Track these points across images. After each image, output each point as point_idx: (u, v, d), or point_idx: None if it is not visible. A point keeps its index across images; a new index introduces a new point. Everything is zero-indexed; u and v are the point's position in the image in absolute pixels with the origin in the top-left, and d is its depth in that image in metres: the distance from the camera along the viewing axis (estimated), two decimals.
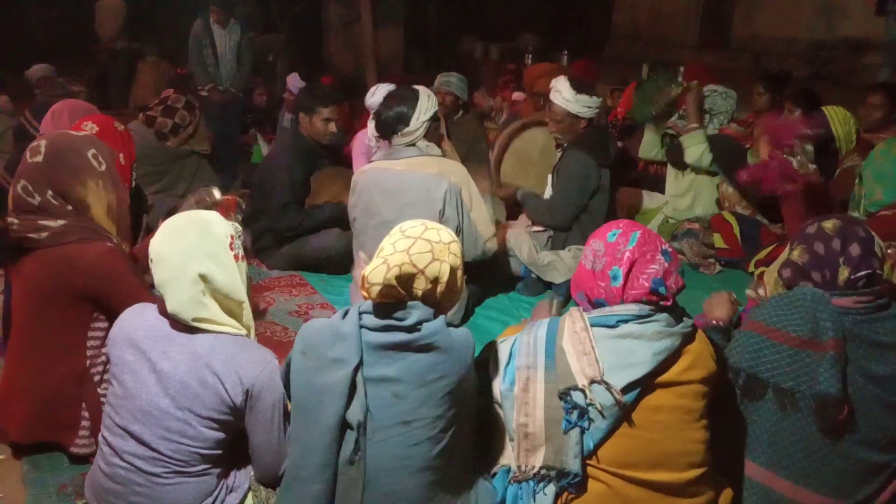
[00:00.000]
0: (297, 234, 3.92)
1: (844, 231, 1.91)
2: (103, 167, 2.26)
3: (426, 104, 3.18)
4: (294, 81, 5.95)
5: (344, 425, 1.66)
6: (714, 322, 2.16)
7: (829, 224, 1.94)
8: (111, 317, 2.15)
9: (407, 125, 3.15)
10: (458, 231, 3.10)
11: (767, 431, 1.93)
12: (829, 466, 1.88)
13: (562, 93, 3.68)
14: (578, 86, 3.68)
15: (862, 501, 1.90)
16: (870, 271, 1.88)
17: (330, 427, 1.65)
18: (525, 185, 4.09)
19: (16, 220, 2.15)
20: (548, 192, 3.91)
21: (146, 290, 2.15)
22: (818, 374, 1.82)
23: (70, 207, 2.18)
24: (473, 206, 3.19)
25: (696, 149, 4.17)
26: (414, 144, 3.18)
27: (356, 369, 1.65)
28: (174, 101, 4.45)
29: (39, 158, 2.16)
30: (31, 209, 2.15)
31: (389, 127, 3.18)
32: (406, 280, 1.68)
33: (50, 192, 2.15)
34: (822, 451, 1.88)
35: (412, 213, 2.98)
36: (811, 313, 1.86)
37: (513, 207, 4.31)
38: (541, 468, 1.77)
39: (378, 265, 1.68)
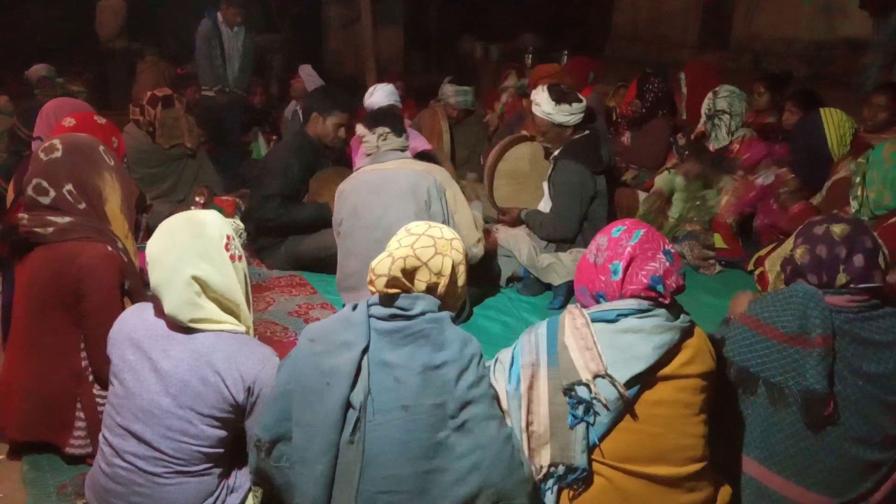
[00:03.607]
0: (275, 228, 3.93)
1: (852, 239, 1.89)
2: (112, 162, 2.31)
3: None
4: (306, 70, 5.97)
5: (347, 406, 1.70)
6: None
7: (837, 229, 1.92)
8: (82, 320, 2.15)
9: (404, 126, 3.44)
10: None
11: (760, 426, 1.96)
12: (820, 463, 1.90)
13: (541, 106, 3.70)
14: (558, 96, 3.68)
15: (855, 499, 1.91)
16: (870, 286, 1.88)
17: (336, 407, 1.68)
18: (525, 199, 4.07)
19: (25, 216, 2.18)
20: (545, 200, 3.91)
21: (119, 309, 2.10)
22: (805, 370, 1.84)
23: (83, 205, 2.20)
24: (458, 210, 3.27)
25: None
26: (402, 150, 3.37)
27: (363, 352, 1.70)
28: (141, 100, 4.68)
29: (58, 154, 2.20)
30: (42, 207, 2.17)
31: (402, 124, 3.44)
32: (410, 272, 1.74)
33: (69, 186, 2.18)
34: (813, 447, 1.90)
35: (400, 205, 3.04)
36: (801, 310, 1.87)
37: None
38: (549, 466, 1.78)
39: (384, 258, 1.76)
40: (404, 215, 2.95)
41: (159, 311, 1.83)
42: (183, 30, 6.33)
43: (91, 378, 2.23)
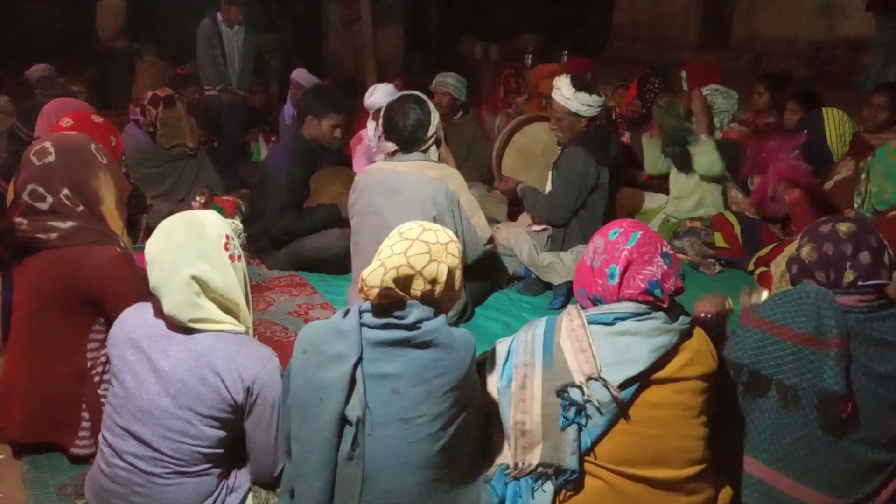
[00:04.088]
0: (292, 237, 3.92)
1: (858, 237, 1.91)
2: (105, 160, 2.29)
3: (435, 115, 3.28)
4: (302, 75, 5.94)
5: (343, 421, 1.67)
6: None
7: (843, 227, 1.93)
8: (109, 320, 2.16)
9: (426, 136, 3.24)
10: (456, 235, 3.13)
11: (769, 429, 1.95)
12: (829, 464, 1.89)
13: (562, 90, 3.70)
14: (579, 84, 3.68)
15: (861, 500, 1.91)
16: (877, 283, 1.89)
17: (330, 423, 1.66)
18: (526, 182, 4.08)
19: (24, 221, 2.16)
20: (548, 190, 3.91)
21: (142, 300, 2.14)
22: (822, 372, 1.83)
23: (81, 208, 2.19)
24: (473, 213, 3.26)
25: (707, 157, 4.21)
26: (424, 150, 3.28)
27: (356, 365, 1.67)
28: (142, 100, 4.65)
29: (51, 158, 2.18)
30: (40, 212, 2.15)
31: (413, 141, 3.23)
32: (404, 282, 1.69)
33: (65, 191, 2.16)
34: (823, 448, 1.89)
35: (408, 211, 3.02)
36: (815, 311, 1.87)
37: (513, 207, 4.31)
38: (538, 465, 1.77)
39: (375, 268, 1.70)
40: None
41: (159, 312, 1.82)
42: (183, 30, 6.32)
43: (96, 378, 2.24)
